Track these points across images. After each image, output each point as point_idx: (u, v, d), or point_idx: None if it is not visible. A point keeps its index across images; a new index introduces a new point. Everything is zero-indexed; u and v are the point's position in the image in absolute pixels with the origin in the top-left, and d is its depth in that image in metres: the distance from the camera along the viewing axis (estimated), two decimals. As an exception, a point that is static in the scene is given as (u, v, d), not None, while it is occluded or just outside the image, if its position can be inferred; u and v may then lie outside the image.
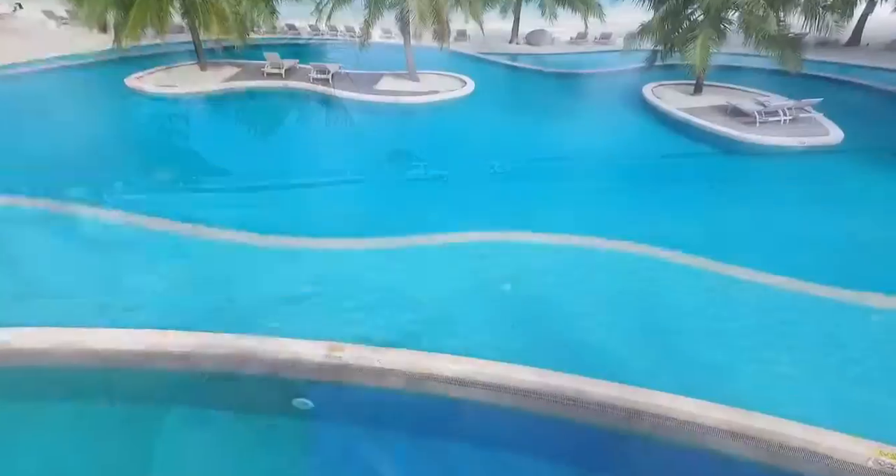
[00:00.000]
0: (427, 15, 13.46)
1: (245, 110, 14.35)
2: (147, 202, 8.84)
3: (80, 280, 6.86)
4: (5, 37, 21.18)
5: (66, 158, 10.48)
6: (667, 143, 12.08)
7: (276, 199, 9.35)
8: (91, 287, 6.69)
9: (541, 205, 9.25)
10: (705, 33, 11.78)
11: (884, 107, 13.99)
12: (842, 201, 9.18)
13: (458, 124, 13.29)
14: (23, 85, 15.22)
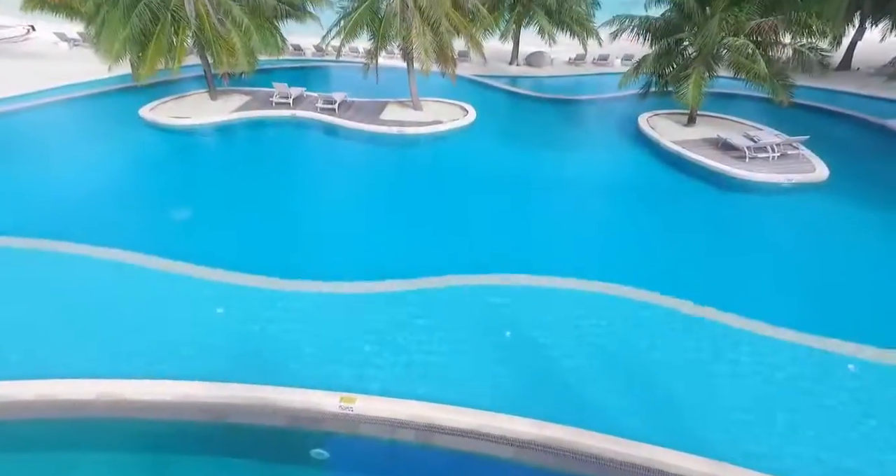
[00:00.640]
0: (431, 52, 14.04)
1: (255, 143, 14.78)
2: (169, 243, 9.39)
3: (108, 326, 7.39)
4: (19, 61, 21.74)
5: (87, 199, 11.00)
6: (660, 177, 12.55)
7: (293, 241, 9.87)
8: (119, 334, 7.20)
9: (534, 243, 9.74)
10: (698, 72, 12.37)
11: (868, 139, 14.45)
12: (822, 243, 9.66)
13: (459, 157, 13.74)
14: (40, 117, 15.72)
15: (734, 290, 8.29)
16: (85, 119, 15.89)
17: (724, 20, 11.82)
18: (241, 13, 14.59)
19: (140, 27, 13.48)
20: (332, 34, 15.40)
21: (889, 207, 10.61)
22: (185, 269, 8.62)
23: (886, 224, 10.14)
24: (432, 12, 13.82)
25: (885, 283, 8.50)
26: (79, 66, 20.26)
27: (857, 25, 19.58)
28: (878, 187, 11.50)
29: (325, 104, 16.10)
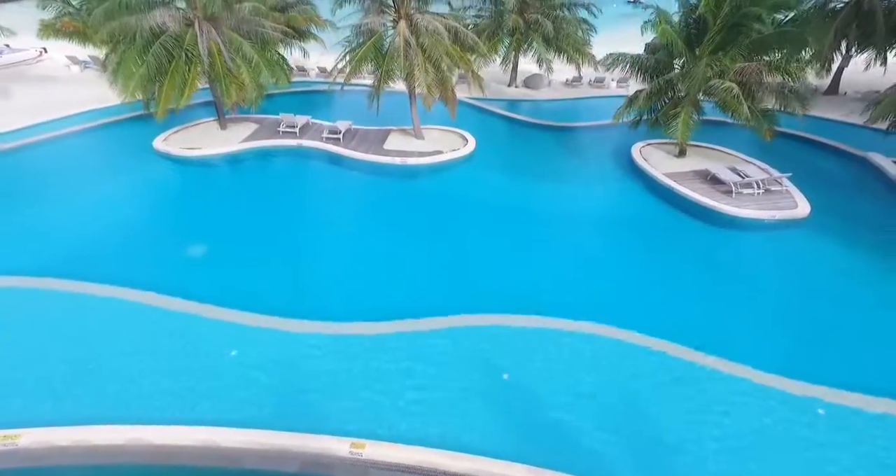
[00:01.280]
0: (434, 88, 14.64)
1: (264, 176, 15.27)
2: (180, 280, 9.96)
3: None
4: (32, 86, 22.31)
5: (102, 236, 11.58)
6: (651, 211, 13.10)
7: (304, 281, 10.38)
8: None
9: (528, 282, 10.27)
10: (686, 112, 13.02)
11: (849, 172, 14.96)
12: (800, 283, 10.22)
13: (458, 190, 14.27)
14: (55, 150, 16.21)
15: (718, 333, 8.80)
16: (100, 152, 16.47)
17: (709, 65, 12.52)
18: (250, 49, 15.27)
19: (155, 65, 14.19)
20: (339, 67, 16.03)
21: (866, 246, 11.20)
22: (198, 309, 9.19)
23: (862, 264, 10.70)
24: (434, 50, 14.45)
25: (858, 326, 9.03)
26: (91, 91, 20.98)
27: (844, 53, 20.29)
28: (856, 224, 12.09)
29: (330, 134, 16.75)
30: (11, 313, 9.28)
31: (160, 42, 14.09)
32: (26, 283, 9.98)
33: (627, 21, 47.21)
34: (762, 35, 12.38)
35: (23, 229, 11.97)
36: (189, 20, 14.82)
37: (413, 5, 15.15)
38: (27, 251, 11.09)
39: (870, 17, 18.39)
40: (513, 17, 20.87)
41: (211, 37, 14.60)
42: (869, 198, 13.40)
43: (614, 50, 24.18)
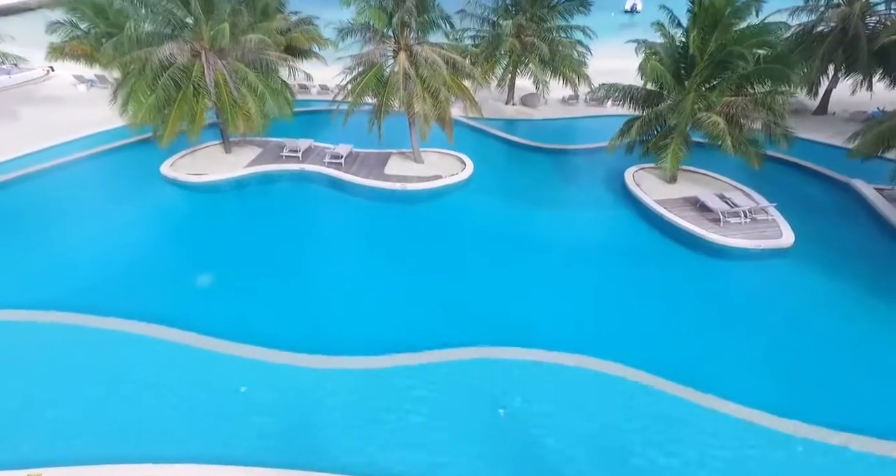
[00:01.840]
0: (431, 116, 15.12)
1: (268, 202, 15.66)
2: (184, 312, 10.36)
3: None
4: (40, 107, 22.70)
5: (111, 267, 12.02)
6: (643, 239, 13.59)
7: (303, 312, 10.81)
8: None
9: (522, 312, 10.72)
10: (676, 144, 13.56)
11: (833, 199, 15.40)
12: (782, 315, 10.67)
13: (456, 217, 14.85)
14: (64, 178, 16.54)
15: (704, 368, 9.26)
16: (109, 178, 16.86)
17: (696, 100, 13.07)
18: (255, 79, 15.73)
19: (164, 97, 14.64)
20: (339, 96, 16.41)
21: (847, 277, 11.69)
22: (206, 343, 9.61)
23: (844, 297, 11.16)
24: (432, 81, 14.94)
25: (839, 362, 9.45)
26: (98, 112, 21.24)
27: (832, 75, 20.84)
28: (838, 254, 12.58)
29: (332, 159, 17.26)
30: (20, 348, 9.69)
31: (168, 74, 14.55)
32: (34, 317, 10.35)
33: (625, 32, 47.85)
34: (747, 71, 12.97)
35: (35, 260, 12.39)
36: (196, 51, 15.39)
37: (413, 36, 15.78)
38: (38, 283, 11.51)
39: (854, 42, 18.99)
40: (510, 40, 21.46)
41: (217, 68, 15.10)
42: (851, 226, 13.92)
43: (610, 63, 24.90)
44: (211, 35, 15.09)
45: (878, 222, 13.83)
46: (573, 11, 22.23)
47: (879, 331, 10.24)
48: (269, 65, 16.50)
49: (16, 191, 15.66)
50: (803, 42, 20.64)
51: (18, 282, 11.61)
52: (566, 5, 22.01)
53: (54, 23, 21.19)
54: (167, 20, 14.65)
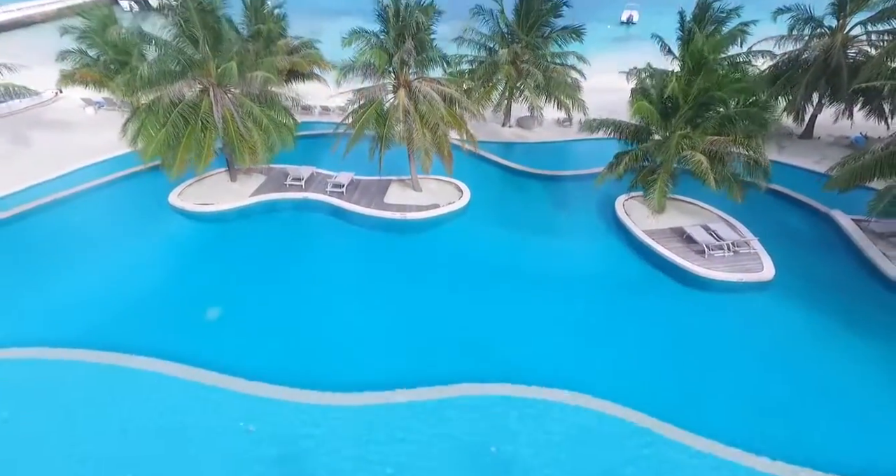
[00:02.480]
0: (431, 150, 15.76)
1: (273, 232, 16.19)
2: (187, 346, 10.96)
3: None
4: (48, 131, 23.19)
5: (121, 300, 12.63)
6: (631, 270, 14.25)
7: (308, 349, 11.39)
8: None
9: (512, 346, 11.34)
10: (662, 180, 14.23)
11: (814, 230, 15.96)
12: (762, 354, 11.26)
13: (453, 247, 15.43)
14: (74, 209, 17.06)
15: (687, 405, 9.88)
16: (119, 210, 17.40)
17: (680, 141, 13.71)
18: (260, 114, 16.36)
19: (173, 132, 15.27)
20: (342, 125, 17.13)
21: (825, 312, 12.36)
22: (215, 380, 10.22)
23: (821, 333, 11.82)
24: (431, 116, 15.59)
25: (813, 401, 10.04)
26: (107, 136, 21.65)
27: (816, 102, 21.52)
28: (815, 288, 13.22)
29: (334, 188, 17.88)
30: (24, 386, 10.22)
31: (178, 110, 15.23)
32: (43, 355, 10.89)
33: (620, 46, 48.28)
34: (728, 113, 13.65)
35: (43, 296, 12.95)
36: (204, 87, 16.02)
37: (413, 71, 16.41)
38: (46, 320, 12.08)
39: (836, 73, 19.71)
40: (506, 68, 22.14)
41: (224, 104, 15.75)
42: (829, 259, 14.53)
43: (605, 80, 25.52)
44: (219, 72, 15.80)
45: (855, 255, 14.47)
46: (567, 39, 23.07)
47: (854, 368, 10.84)
48: (273, 97, 17.23)
49: (32, 222, 16.28)
50: (789, 69, 21.43)
51: (31, 319, 12.15)
52: (560, 33, 22.81)
53: (64, 51, 21.92)
54: (177, 59, 15.30)
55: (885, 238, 14.43)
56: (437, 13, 15.17)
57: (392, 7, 14.98)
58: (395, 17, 14.84)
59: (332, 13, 60.14)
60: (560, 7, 21.73)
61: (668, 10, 67.20)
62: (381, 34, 15.71)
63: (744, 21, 21.46)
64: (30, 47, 43.96)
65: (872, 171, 13.04)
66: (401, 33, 14.89)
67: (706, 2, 20.88)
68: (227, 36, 15.83)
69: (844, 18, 19.88)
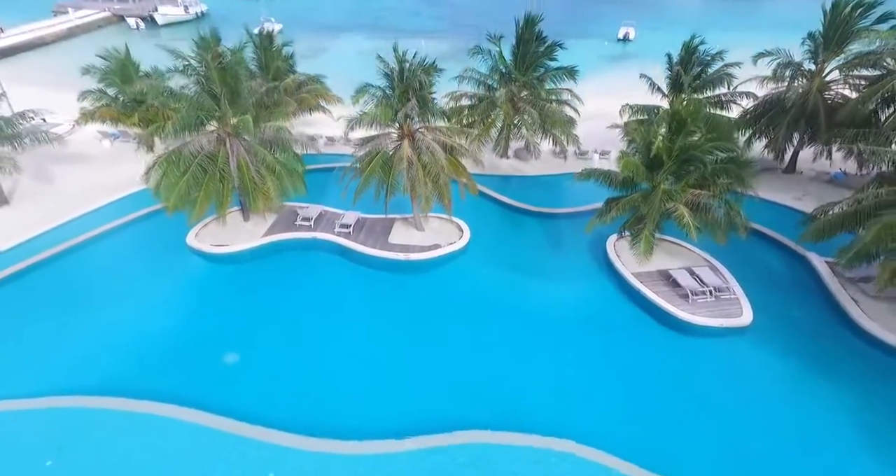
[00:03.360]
0: (432, 198, 16.82)
1: (284, 273, 17.17)
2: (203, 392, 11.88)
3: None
4: (68, 165, 24.01)
5: (144, 347, 13.56)
6: (619, 313, 15.28)
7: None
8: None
9: (503, 391, 12.28)
10: (648, 230, 15.34)
11: (790, 272, 16.99)
12: (738, 402, 12.24)
13: (451, 287, 16.55)
14: (95, 251, 17.97)
15: (675, 454, 10.81)
16: (140, 250, 18.34)
17: (663, 197, 14.86)
18: (273, 161, 17.42)
19: (192, 182, 16.35)
20: (349, 176, 17.99)
21: (797, 358, 13.45)
22: (234, 427, 11.13)
23: (794, 380, 12.88)
24: (433, 166, 16.63)
25: (786, 453, 10.93)
26: (124, 170, 23.01)
27: (797, 141, 22.61)
28: (791, 333, 14.28)
29: (341, 228, 18.93)
30: (51, 436, 11.01)
31: (197, 161, 16.31)
32: (62, 403, 11.70)
33: (617, 65, 49.28)
34: (707, 169, 14.69)
35: (67, 344, 13.83)
36: (221, 138, 17.10)
37: (416, 121, 17.43)
38: (70, 367, 13.00)
39: (814, 116, 20.86)
40: (504, 107, 23.21)
41: (240, 154, 16.82)
42: (805, 303, 15.55)
43: (600, 104, 26.53)
44: (235, 124, 16.86)
45: (828, 300, 15.49)
46: (563, 77, 24.16)
47: (826, 417, 11.83)
48: (284, 142, 18.28)
49: (56, 267, 17.12)
50: (772, 109, 22.51)
51: (56, 367, 13.05)
52: (555, 72, 23.90)
53: (85, 91, 23.08)
54: (197, 115, 16.32)
55: (855, 283, 15.54)
56: (437, 71, 16.27)
57: (397, 68, 16.08)
58: (399, 76, 15.92)
59: (333, 29, 61.58)
60: (554, 50, 23.01)
61: (663, 26, 68.83)
62: (386, 89, 16.80)
63: (728, 62, 22.76)
64: (44, 68, 45.16)
65: (840, 225, 14.22)
66: (405, 91, 15.98)
67: (692, 45, 22.19)
68: (244, 91, 16.91)
69: (822, 63, 21.17)
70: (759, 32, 51.40)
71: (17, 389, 12.46)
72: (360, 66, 44.68)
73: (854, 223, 13.96)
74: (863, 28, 19.94)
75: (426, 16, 69.20)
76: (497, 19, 59.36)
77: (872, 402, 12.30)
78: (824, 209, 15.27)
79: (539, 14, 22.53)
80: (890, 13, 19.14)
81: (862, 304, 14.72)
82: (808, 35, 20.98)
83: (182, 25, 57.96)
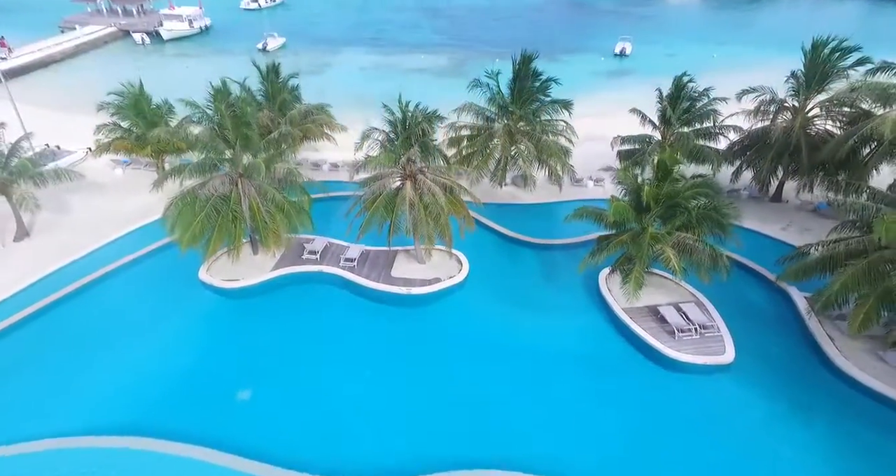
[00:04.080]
0: (433, 238, 17.74)
1: (291, 307, 18.08)
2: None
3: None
4: (83, 194, 24.69)
5: (160, 386, 14.39)
6: (608, 349, 16.20)
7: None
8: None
9: (495, 430, 13.11)
10: (638, 271, 16.25)
11: (771, 307, 17.86)
12: (713, 438, 13.12)
13: (450, 321, 17.48)
14: (110, 288, 18.77)
15: None
16: (154, 285, 19.07)
17: (650, 241, 15.74)
18: (283, 200, 18.34)
19: (206, 223, 17.28)
20: (353, 216, 18.86)
21: (774, 397, 14.31)
22: (243, 466, 11.93)
23: (769, 416, 13.76)
24: (434, 207, 17.54)
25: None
26: (137, 201, 23.80)
27: (782, 173, 23.48)
28: (769, 370, 15.13)
29: (346, 261, 19.90)
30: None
31: (211, 203, 17.25)
32: (74, 444, 12.43)
33: (614, 82, 50.13)
34: (691, 215, 15.70)
35: (84, 385, 14.72)
36: (234, 180, 18.02)
37: (418, 165, 18.33)
38: (88, 408, 13.83)
39: (797, 151, 21.75)
40: (502, 139, 24.11)
41: (252, 196, 17.75)
42: (784, 339, 16.44)
43: (595, 124, 27.24)
44: (247, 167, 17.80)
45: (805, 337, 16.33)
46: (558, 109, 25.06)
47: (799, 461, 12.63)
48: (293, 180, 19.19)
49: (74, 304, 17.98)
50: (757, 143, 23.41)
51: (75, 408, 13.89)
52: (551, 105, 24.79)
53: (101, 125, 24.05)
54: (212, 161, 17.41)
55: (832, 320, 16.45)
56: (438, 119, 17.18)
57: (400, 118, 17.02)
58: (402, 124, 16.85)
59: (334, 43, 62.33)
60: (549, 87, 23.90)
61: (661, 40, 69.71)
62: (390, 134, 17.74)
63: (715, 97, 23.66)
64: (54, 88, 45.89)
65: (814, 269, 15.19)
66: (408, 137, 16.90)
67: (682, 82, 23.11)
68: (255, 136, 17.86)
69: (804, 101, 22.09)
70: (753, 47, 52.63)
71: (31, 431, 13.25)
72: (363, 83, 45.62)
73: (826, 269, 14.98)
74: (842, 68, 20.98)
75: (426, 29, 70.03)
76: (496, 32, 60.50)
77: (845, 445, 13.06)
78: (802, 250, 16.23)
79: (534, 52, 23.53)
80: (866, 58, 20.22)
81: (837, 342, 15.66)
82: (791, 74, 21.97)
83: (186, 39, 58.96)
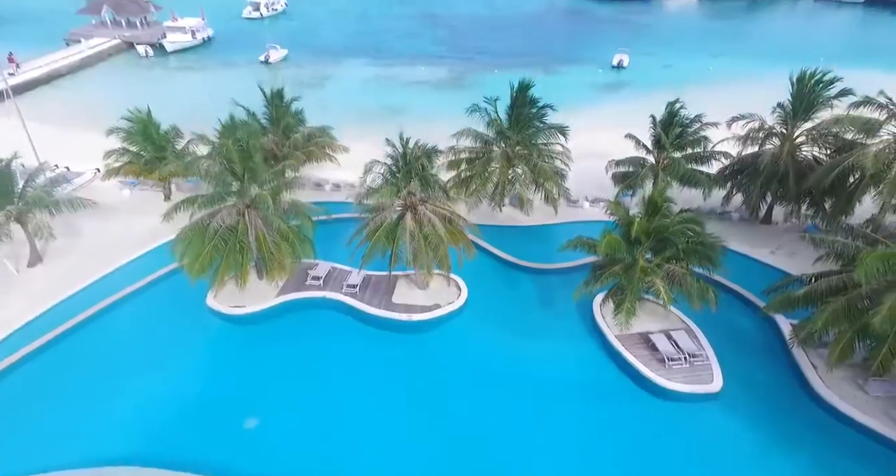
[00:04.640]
0: (432, 268, 18.36)
1: (296, 334, 18.66)
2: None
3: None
4: (91, 217, 24.53)
5: (175, 418, 14.87)
6: (602, 375, 16.81)
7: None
8: None
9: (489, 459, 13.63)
10: (630, 301, 16.94)
11: (758, 334, 18.47)
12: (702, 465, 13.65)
13: (451, 346, 18.12)
14: (123, 313, 19.30)
15: None
16: (162, 313, 19.56)
17: (641, 273, 16.43)
18: (287, 229, 18.99)
19: (214, 253, 17.93)
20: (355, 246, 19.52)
21: (759, 427, 14.84)
22: None
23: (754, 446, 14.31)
24: (433, 237, 18.19)
25: None
26: (145, 223, 24.08)
27: (771, 198, 24.19)
28: (755, 399, 15.66)
29: (348, 287, 20.58)
30: None
31: (219, 234, 17.89)
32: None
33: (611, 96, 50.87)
34: (680, 248, 16.37)
35: (94, 414, 15.19)
36: (241, 211, 18.68)
37: (419, 196, 18.92)
38: (99, 438, 14.29)
39: (785, 177, 22.45)
40: (501, 163, 24.79)
41: (258, 227, 18.40)
42: (770, 367, 17.07)
43: (592, 138, 27.81)
44: (254, 199, 18.45)
45: (791, 365, 16.96)
46: (555, 134, 25.75)
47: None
48: (298, 209, 19.86)
49: (85, 332, 18.51)
50: (747, 168, 24.08)
51: (88, 437, 14.37)
52: (547, 130, 25.47)
53: (110, 151, 24.79)
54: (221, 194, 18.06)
55: (816, 348, 17.06)
56: (437, 153, 17.85)
57: (401, 154, 17.70)
58: (403, 158, 17.52)
59: (335, 54, 62.78)
60: (545, 114, 24.54)
61: (658, 51, 70.37)
62: (392, 167, 18.40)
63: (707, 122, 24.36)
64: (61, 104, 46.34)
65: (798, 303, 15.81)
66: (409, 171, 17.56)
67: (674, 109, 23.82)
68: (261, 169, 18.54)
69: (791, 129, 22.80)
70: (749, 59, 53.35)
71: (37, 461, 13.73)
72: (364, 96, 46.15)
73: (809, 302, 15.62)
74: (826, 98, 21.77)
75: (426, 39, 70.61)
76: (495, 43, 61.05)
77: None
78: (787, 281, 16.93)
79: (530, 80, 24.21)
80: (849, 90, 21.13)
81: (820, 370, 16.31)
82: (778, 104, 22.74)
83: (189, 51, 59.57)
